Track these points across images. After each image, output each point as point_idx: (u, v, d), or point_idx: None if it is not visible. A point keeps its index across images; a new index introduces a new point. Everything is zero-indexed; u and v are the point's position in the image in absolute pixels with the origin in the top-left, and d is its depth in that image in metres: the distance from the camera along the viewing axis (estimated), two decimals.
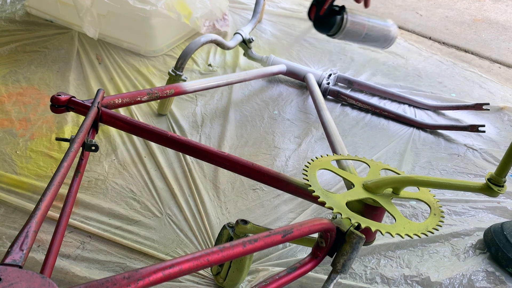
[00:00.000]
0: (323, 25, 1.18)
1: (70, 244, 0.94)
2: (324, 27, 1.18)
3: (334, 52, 1.90)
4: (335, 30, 1.17)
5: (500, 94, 1.72)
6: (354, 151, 1.32)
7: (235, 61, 1.74)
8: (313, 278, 0.91)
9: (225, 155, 0.85)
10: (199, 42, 1.30)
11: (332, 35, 1.19)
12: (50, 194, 0.56)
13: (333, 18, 1.16)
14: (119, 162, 1.18)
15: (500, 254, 0.99)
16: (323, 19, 1.16)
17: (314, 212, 1.09)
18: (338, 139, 1.08)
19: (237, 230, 0.78)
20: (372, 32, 1.21)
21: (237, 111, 1.44)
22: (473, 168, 1.31)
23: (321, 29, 1.19)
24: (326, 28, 1.18)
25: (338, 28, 1.16)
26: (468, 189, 0.66)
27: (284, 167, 1.23)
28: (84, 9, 1.58)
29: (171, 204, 1.07)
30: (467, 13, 2.50)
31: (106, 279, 0.43)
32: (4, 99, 1.37)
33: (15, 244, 0.47)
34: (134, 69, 1.60)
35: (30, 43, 1.67)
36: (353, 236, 0.67)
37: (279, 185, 0.83)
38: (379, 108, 1.50)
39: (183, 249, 0.97)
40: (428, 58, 1.95)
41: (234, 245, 0.53)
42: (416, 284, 0.94)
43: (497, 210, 1.16)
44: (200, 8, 1.70)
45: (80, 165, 0.86)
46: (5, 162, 1.13)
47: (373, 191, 0.76)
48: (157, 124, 1.34)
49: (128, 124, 0.90)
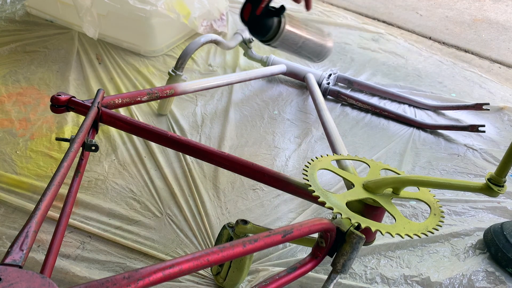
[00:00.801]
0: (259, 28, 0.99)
1: (70, 244, 0.94)
2: (260, 30, 0.99)
3: (334, 52, 1.89)
4: (271, 34, 0.99)
5: (500, 94, 1.72)
6: (354, 151, 1.32)
7: (235, 61, 1.74)
8: (313, 278, 0.91)
9: (225, 155, 0.85)
10: (199, 42, 1.30)
11: (267, 41, 1.01)
12: (50, 194, 0.56)
13: (270, 20, 0.98)
14: (119, 162, 1.18)
15: (500, 254, 0.99)
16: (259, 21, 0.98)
17: (314, 212, 1.09)
18: (338, 139, 1.08)
19: (237, 230, 0.78)
20: (309, 42, 1.06)
21: (237, 111, 1.44)
22: (473, 168, 1.31)
23: (256, 32, 1.00)
24: (261, 32, 1.00)
25: (275, 33, 0.99)
26: (468, 189, 0.66)
27: (284, 167, 1.23)
28: (84, 9, 1.58)
29: (171, 204, 1.07)
30: (467, 13, 2.50)
31: (106, 279, 0.43)
32: (4, 99, 1.37)
33: (15, 244, 0.47)
34: (134, 69, 1.60)
35: (30, 43, 1.67)
36: (353, 236, 0.67)
37: (279, 185, 0.83)
38: (379, 108, 1.50)
39: (183, 249, 0.97)
40: (428, 58, 1.95)
41: (234, 245, 0.53)
42: (416, 284, 0.94)
43: (497, 210, 1.16)
44: (198, 8, 1.70)
45: (80, 165, 0.86)
46: (5, 162, 1.13)
47: (373, 191, 0.76)
48: (157, 124, 1.34)
49: (128, 124, 0.90)
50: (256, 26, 0.98)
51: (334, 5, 2.44)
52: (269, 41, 1.01)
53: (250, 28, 0.99)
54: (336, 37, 2.04)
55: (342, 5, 2.44)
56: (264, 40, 1.01)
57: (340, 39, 2.02)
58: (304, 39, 1.04)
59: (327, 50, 1.12)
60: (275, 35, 0.99)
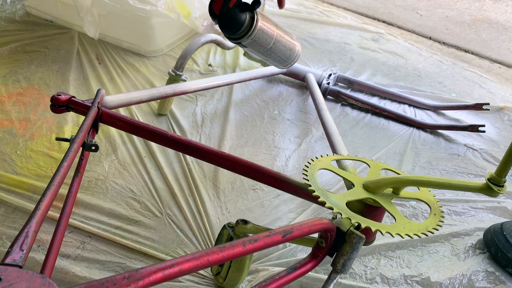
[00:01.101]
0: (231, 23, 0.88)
1: (70, 244, 0.94)
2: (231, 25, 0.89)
3: (334, 52, 1.90)
4: (243, 31, 0.89)
5: (500, 94, 1.72)
6: (354, 151, 1.32)
7: (235, 61, 1.74)
8: (313, 278, 0.91)
9: (225, 155, 0.85)
10: (199, 42, 1.30)
11: (238, 39, 0.91)
12: (50, 194, 0.56)
13: (243, 15, 0.88)
14: (119, 162, 1.18)
15: (500, 254, 0.99)
16: (231, 14, 0.87)
17: (314, 212, 1.09)
18: (338, 139, 1.08)
19: (237, 230, 0.78)
20: (279, 44, 0.97)
21: (237, 111, 1.44)
22: (473, 168, 1.31)
23: (227, 27, 0.90)
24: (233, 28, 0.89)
25: (247, 30, 0.89)
26: (468, 189, 0.66)
27: (284, 167, 1.23)
28: (85, 9, 1.58)
29: (171, 204, 1.07)
30: (467, 13, 2.50)
31: (106, 279, 0.43)
32: (4, 99, 1.37)
33: (15, 244, 0.47)
34: (134, 69, 1.60)
35: (30, 43, 1.67)
36: (353, 236, 0.67)
37: (279, 185, 0.83)
38: (379, 108, 1.50)
39: (183, 249, 0.97)
40: (428, 58, 1.95)
41: (234, 245, 0.53)
42: (416, 284, 0.94)
43: (497, 210, 1.16)
44: (199, 8, 1.70)
45: (80, 165, 0.86)
46: (5, 162, 1.13)
47: (373, 191, 0.76)
48: (157, 124, 1.34)
49: (128, 124, 0.90)
50: (228, 20, 0.88)
51: (334, 5, 2.44)
52: (241, 38, 0.91)
53: (221, 22, 0.90)
54: (336, 37, 2.04)
55: (342, 5, 2.44)
56: (235, 38, 0.91)
57: (340, 39, 2.02)
58: (275, 39, 0.95)
59: (296, 54, 1.03)
60: (248, 31, 0.89)
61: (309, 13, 2.25)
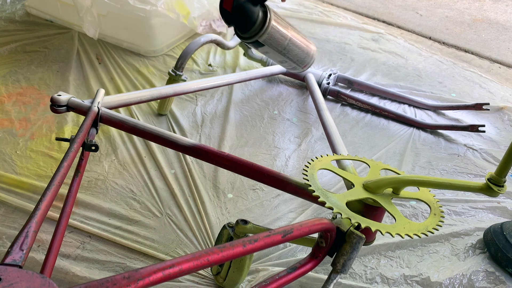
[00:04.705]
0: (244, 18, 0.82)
1: (70, 244, 0.94)
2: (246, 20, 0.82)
3: (334, 52, 1.89)
4: (258, 26, 0.82)
5: (500, 94, 1.72)
6: (354, 151, 1.32)
7: (235, 61, 1.74)
8: (313, 278, 0.91)
9: (225, 155, 0.85)
10: (199, 42, 1.30)
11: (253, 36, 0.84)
12: (50, 194, 0.56)
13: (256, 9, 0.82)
14: (119, 162, 1.18)
15: (500, 254, 0.99)
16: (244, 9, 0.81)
17: (314, 212, 1.09)
18: (338, 139, 1.08)
19: (237, 230, 0.78)
20: (294, 43, 0.91)
21: (237, 111, 1.44)
22: (473, 168, 1.31)
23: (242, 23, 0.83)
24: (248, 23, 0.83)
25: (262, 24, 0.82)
26: (468, 189, 0.66)
27: (284, 167, 1.23)
28: (84, 9, 1.58)
29: (171, 204, 1.07)
30: (467, 13, 2.50)
31: (106, 279, 0.43)
32: (4, 99, 1.37)
33: (15, 244, 0.47)
34: (134, 69, 1.60)
35: (30, 43, 1.67)
36: (353, 236, 0.67)
37: (279, 185, 0.83)
38: (379, 108, 1.50)
39: (183, 249, 0.97)
40: (428, 58, 1.95)
41: (234, 245, 0.53)
42: (416, 284, 0.94)
43: (497, 210, 1.16)
44: (198, 8, 1.70)
45: (80, 165, 0.86)
46: (5, 162, 1.13)
47: (373, 191, 0.76)
48: (157, 124, 1.34)
49: (128, 124, 0.90)
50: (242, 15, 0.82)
51: (334, 5, 2.44)
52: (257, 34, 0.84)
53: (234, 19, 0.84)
54: (336, 37, 2.04)
55: (342, 5, 2.44)
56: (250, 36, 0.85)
57: (340, 39, 2.02)
58: (289, 39, 0.89)
59: (311, 56, 0.96)
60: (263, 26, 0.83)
61: (309, 13, 2.25)
